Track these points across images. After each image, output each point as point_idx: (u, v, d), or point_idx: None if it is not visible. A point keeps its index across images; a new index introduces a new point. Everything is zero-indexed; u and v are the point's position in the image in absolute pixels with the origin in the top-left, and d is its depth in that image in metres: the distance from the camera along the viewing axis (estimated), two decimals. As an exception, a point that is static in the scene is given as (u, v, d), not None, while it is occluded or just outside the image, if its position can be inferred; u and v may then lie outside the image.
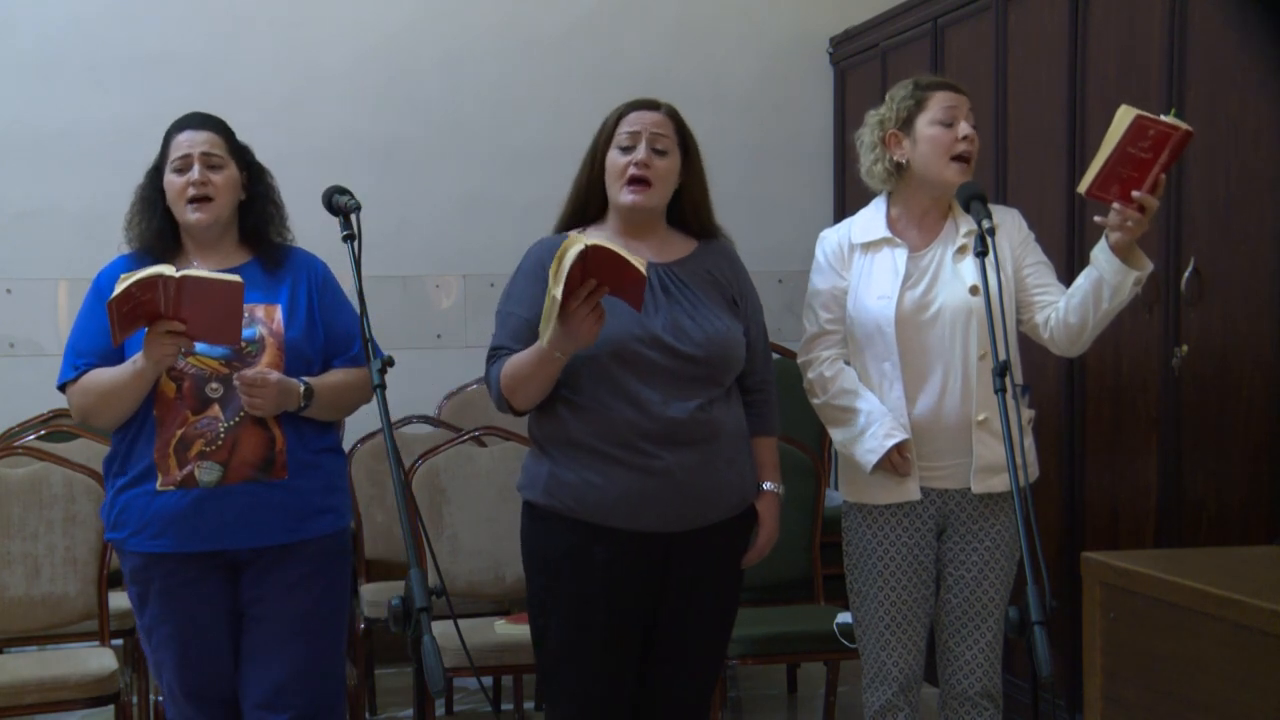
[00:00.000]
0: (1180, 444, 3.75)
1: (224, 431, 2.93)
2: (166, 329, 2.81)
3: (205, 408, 2.94)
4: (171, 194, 3.03)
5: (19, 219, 5.25)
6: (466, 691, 4.83)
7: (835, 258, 3.23)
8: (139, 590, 3.03)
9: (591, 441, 2.83)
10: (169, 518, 2.94)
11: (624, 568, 2.87)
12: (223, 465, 2.93)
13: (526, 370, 2.81)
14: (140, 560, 3.00)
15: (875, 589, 3.17)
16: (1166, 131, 2.80)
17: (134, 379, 2.91)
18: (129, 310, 2.76)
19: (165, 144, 3.08)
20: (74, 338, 3.06)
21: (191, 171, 3.00)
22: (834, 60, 5.83)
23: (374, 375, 2.60)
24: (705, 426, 2.86)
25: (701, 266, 2.99)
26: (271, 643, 3.01)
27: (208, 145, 3.03)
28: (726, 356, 2.92)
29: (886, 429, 3.08)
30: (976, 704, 3.19)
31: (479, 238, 5.47)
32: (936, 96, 3.14)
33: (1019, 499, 2.57)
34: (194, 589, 2.99)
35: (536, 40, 5.62)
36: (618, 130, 2.94)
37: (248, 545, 2.97)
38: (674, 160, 2.95)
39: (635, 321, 2.83)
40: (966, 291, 3.10)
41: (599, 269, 2.63)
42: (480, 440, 4.30)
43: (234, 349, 2.94)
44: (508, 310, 2.96)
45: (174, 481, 2.93)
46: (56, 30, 5.26)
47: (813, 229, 3.37)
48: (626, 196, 2.91)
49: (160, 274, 2.74)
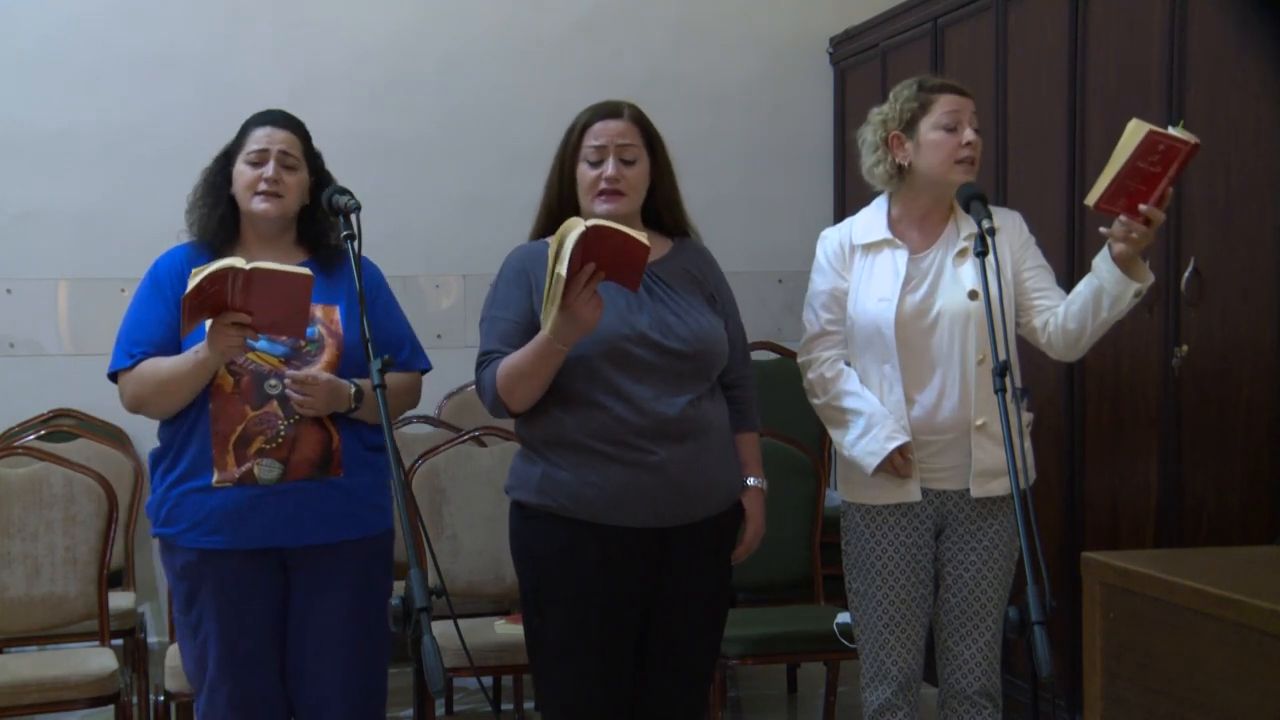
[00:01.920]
0: (1180, 444, 3.75)
1: (284, 429, 2.94)
2: (232, 320, 2.80)
3: (264, 404, 2.94)
4: (240, 184, 3.03)
5: (19, 219, 5.25)
6: (466, 691, 4.83)
7: (836, 258, 3.22)
8: (188, 587, 3.01)
9: (584, 440, 2.83)
10: (225, 514, 2.93)
11: (618, 565, 2.87)
12: (283, 463, 2.94)
13: (528, 367, 2.81)
14: (193, 556, 2.98)
15: (874, 589, 3.17)
16: (1177, 146, 2.80)
17: (195, 369, 2.90)
18: (197, 302, 2.77)
19: (242, 134, 3.08)
20: (128, 326, 3.05)
21: (266, 167, 3.00)
22: (834, 60, 5.83)
23: (374, 375, 2.61)
24: (695, 422, 2.87)
25: (679, 265, 3.00)
26: (323, 645, 3.02)
27: (285, 145, 3.04)
28: (713, 352, 2.93)
29: (888, 431, 3.08)
30: (975, 703, 3.19)
31: (479, 238, 5.46)
32: (941, 100, 3.12)
33: (1019, 500, 2.57)
34: (246, 586, 2.98)
35: (536, 40, 5.62)
36: (583, 143, 2.94)
37: (303, 543, 2.98)
38: (643, 166, 2.96)
39: (622, 320, 2.84)
40: (966, 296, 3.10)
41: (598, 251, 2.64)
42: (480, 440, 4.30)
43: (293, 347, 2.95)
44: (493, 315, 2.96)
45: (232, 478, 2.92)
46: (56, 30, 5.26)
47: (813, 229, 3.37)
48: (601, 206, 2.91)
49: (231, 266, 2.73)
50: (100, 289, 5.30)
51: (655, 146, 2.99)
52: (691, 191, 3.12)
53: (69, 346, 5.32)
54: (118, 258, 5.31)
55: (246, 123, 3.09)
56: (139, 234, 5.32)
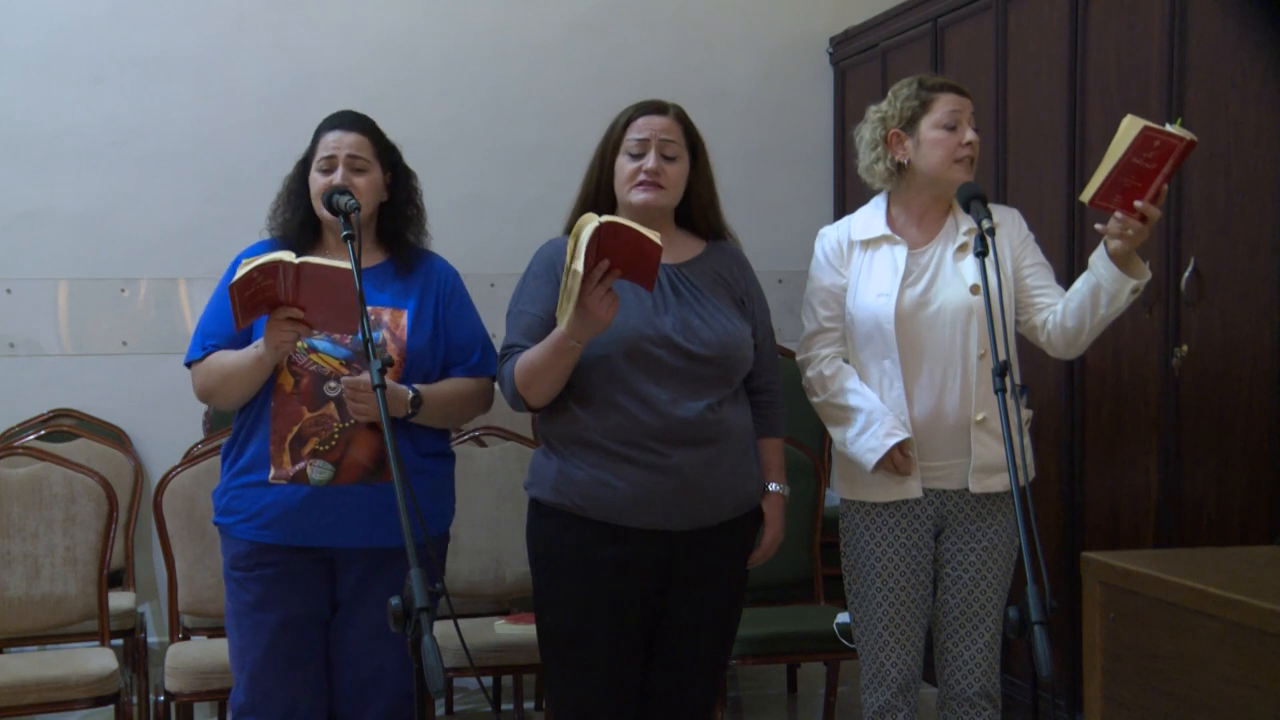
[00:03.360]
0: (1180, 444, 3.75)
1: (338, 432, 2.96)
2: (286, 315, 2.83)
3: (322, 405, 2.96)
4: (314, 191, 3.04)
5: (19, 219, 5.26)
6: (466, 691, 4.83)
7: (834, 255, 3.22)
8: (240, 575, 3.05)
9: (601, 440, 2.84)
10: (279, 510, 2.97)
11: (631, 566, 2.87)
12: (334, 465, 2.96)
13: (543, 362, 2.82)
14: (246, 547, 3.02)
15: (874, 590, 3.17)
16: (1172, 142, 2.80)
17: (254, 364, 2.94)
18: (251, 296, 2.79)
19: (315, 140, 3.09)
20: (204, 319, 3.11)
21: (335, 174, 3.01)
22: (834, 60, 5.84)
23: (374, 375, 2.60)
24: (713, 427, 2.86)
25: (710, 267, 3.00)
26: (366, 646, 3.03)
27: (354, 148, 3.03)
28: (736, 357, 2.93)
29: (888, 428, 3.08)
30: (975, 704, 3.18)
31: (479, 238, 5.46)
32: (941, 99, 3.13)
33: (1019, 499, 2.57)
34: (294, 582, 3.01)
35: (536, 40, 5.63)
36: (626, 136, 2.94)
37: (352, 545, 2.99)
38: (683, 165, 2.96)
39: (646, 321, 2.85)
40: (967, 290, 3.10)
41: (612, 247, 2.64)
42: (480, 440, 4.30)
43: (355, 350, 2.97)
44: (520, 309, 2.96)
45: (286, 476, 2.96)
46: (56, 30, 5.27)
47: (813, 229, 3.36)
48: (638, 195, 2.91)
49: (280, 260, 2.75)
50: (100, 289, 5.30)
51: (697, 149, 2.99)
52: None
53: (69, 346, 5.33)
54: (118, 258, 5.32)
55: (319, 127, 3.09)
56: (139, 234, 5.35)
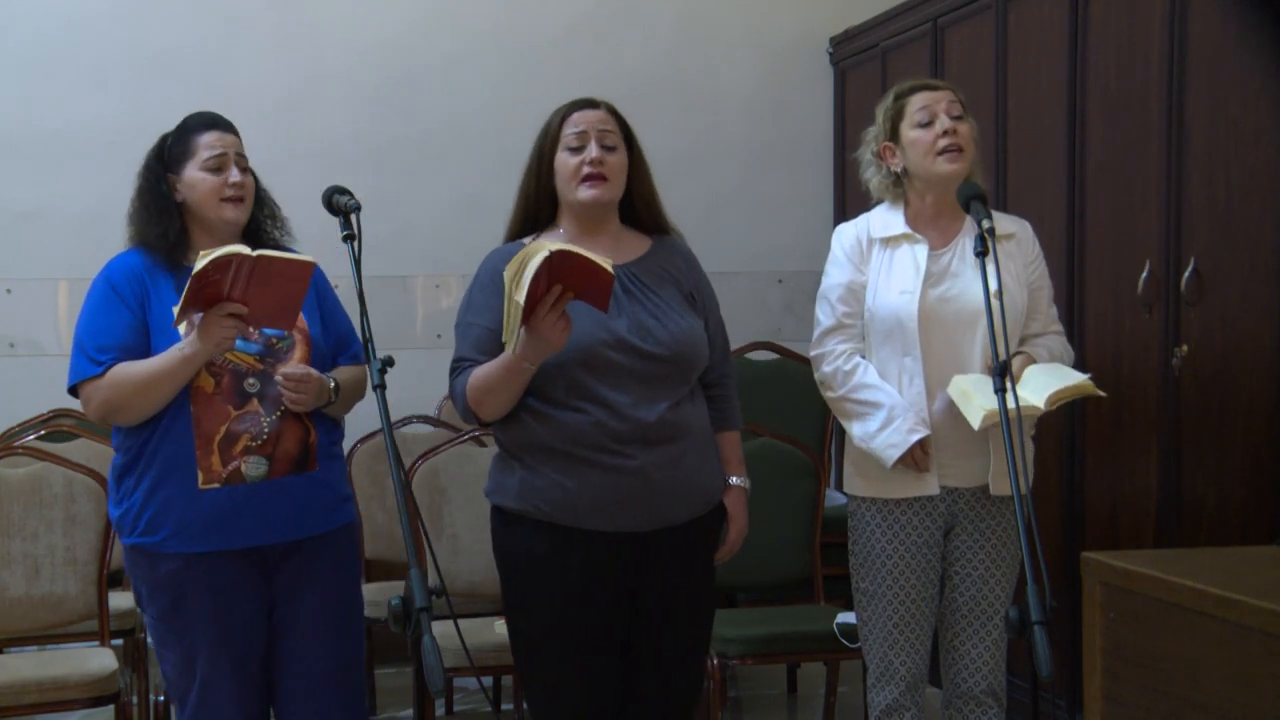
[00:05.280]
0: (1180, 444, 3.75)
1: (268, 426, 2.93)
2: (229, 311, 2.77)
3: (245, 403, 2.93)
4: (203, 190, 2.97)
5: (19, 219, 5.25)
6: (466, 691, 4.83)
7: (853, 251, 3.23)
8: (173, 594, 2.95)
9: (562, 446, 2.81)
10: (214, 516, 2.89)
11: (600, 569, 2.85)
12: (268, 459, 2.92)
13: (495, 382, 2.80)
14: (180, 562, 2.92)
15: (883, 588, 3.17)
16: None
17: (182, 366, 2.84)
18: (196, 289, 2.70)
19: (184, 141, 3.00)
20: (90, 334, 2.97)
21: (230, 172, 2.98)
22: (834, 60, 5.83)
23: (374, 375, 2.60)
24: (675, 426, 2.85)
25: (658, 264, 2.99)
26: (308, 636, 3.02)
27: (238, 147, 3.03)
28: (692, 354, 2.92)
29: (910, 424, 3.08)
30: (981, 702, 3.19)
31: (479, 238, 5.36)
32: (913, 100, 3.19)
33: (1019, 499, 2.57)
34: (235, 586, 2.95)
35: (536, 40, 5.62)
36: (563, 132, 2.95)
37: (290, 538, 2.97)
38: (623, 156, 2.96)
39: (600, 325, 2.82)
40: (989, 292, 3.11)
41: (564, 274, 2.63)
42: (480, 440, 4.30)
43: (266, 345, 2.95)
44: (468, 321, 2.94)
45: (219, 478, 2.90)
46: (56, 30, 5.27)
47: (813, 229, 3.38)
48: (585, 192, 2.90)
49: (237, 253, 2.69)
50: (100, 289, 5.30)
51: (631, 142, 3.00)
52: (691, 191, 3.13)
53: (69, 346, 5.30)
54: (118, 258, 5.31)
55: (183, 128, 3.02)
56: (139, 234, 5.34)
